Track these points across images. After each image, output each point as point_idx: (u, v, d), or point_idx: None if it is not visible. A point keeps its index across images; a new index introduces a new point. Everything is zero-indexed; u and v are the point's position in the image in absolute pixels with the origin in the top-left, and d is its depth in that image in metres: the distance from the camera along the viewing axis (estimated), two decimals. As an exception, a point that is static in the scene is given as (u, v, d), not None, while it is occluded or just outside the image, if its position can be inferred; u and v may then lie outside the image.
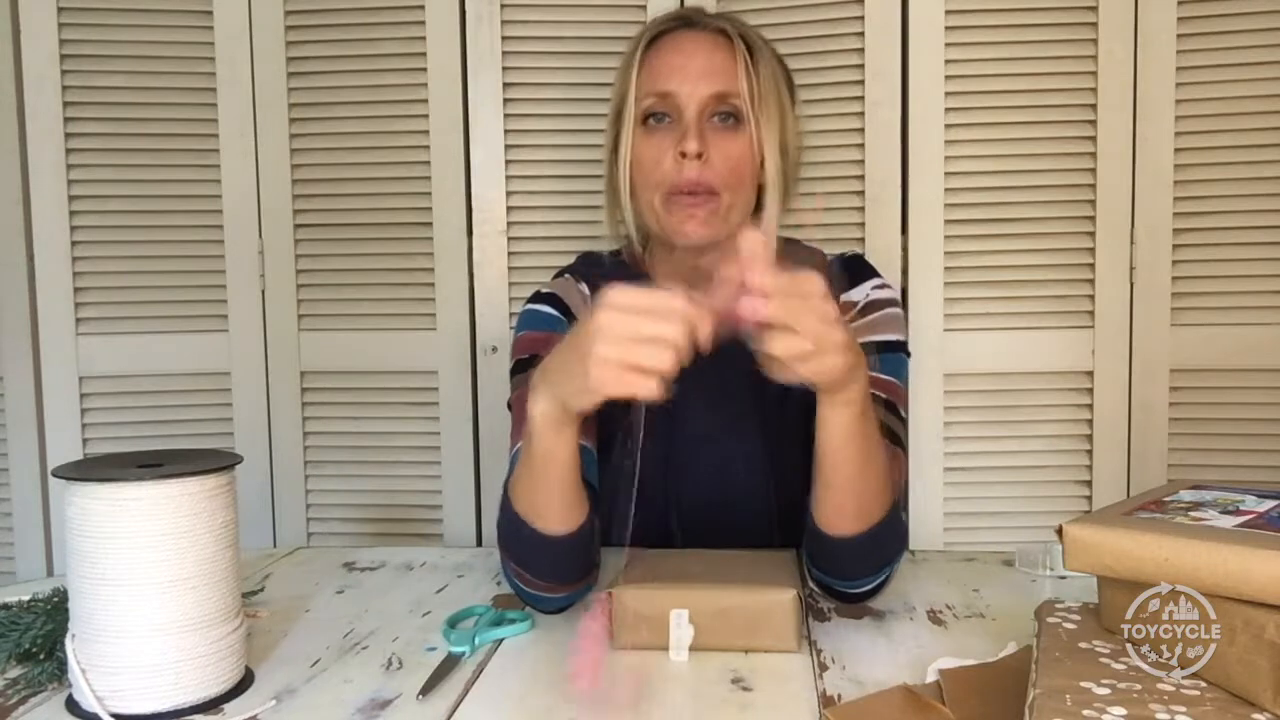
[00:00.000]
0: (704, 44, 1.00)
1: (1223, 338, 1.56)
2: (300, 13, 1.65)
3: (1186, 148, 1.54)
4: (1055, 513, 1.54)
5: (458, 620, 0.87)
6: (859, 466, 0.81)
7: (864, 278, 1.06)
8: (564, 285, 1.10)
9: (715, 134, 0.98)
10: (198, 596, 0.67)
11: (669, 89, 0.98)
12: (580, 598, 0.91)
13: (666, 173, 0.97)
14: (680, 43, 1.01)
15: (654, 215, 1.00)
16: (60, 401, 1.67)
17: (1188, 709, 0.54)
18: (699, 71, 0.98)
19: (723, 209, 0.98)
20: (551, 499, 0.82)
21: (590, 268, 1.12)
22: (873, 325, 1.02)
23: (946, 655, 0.74)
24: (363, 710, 0.68)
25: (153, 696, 0.67)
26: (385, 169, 1.66)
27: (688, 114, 0.97)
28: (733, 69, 0.99)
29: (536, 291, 1.11)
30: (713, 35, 1.01)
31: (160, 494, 0.66)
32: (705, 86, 0.97)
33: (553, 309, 1.07)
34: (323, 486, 1.71)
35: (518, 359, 1.05)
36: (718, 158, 0.97)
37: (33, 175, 1.64)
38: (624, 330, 0.68)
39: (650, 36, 1.02)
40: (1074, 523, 0.65)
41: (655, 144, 0.99)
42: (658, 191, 0.99)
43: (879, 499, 0.84)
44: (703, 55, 0.99)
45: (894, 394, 0.98)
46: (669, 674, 0.73)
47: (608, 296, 0.70)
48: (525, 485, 0.83)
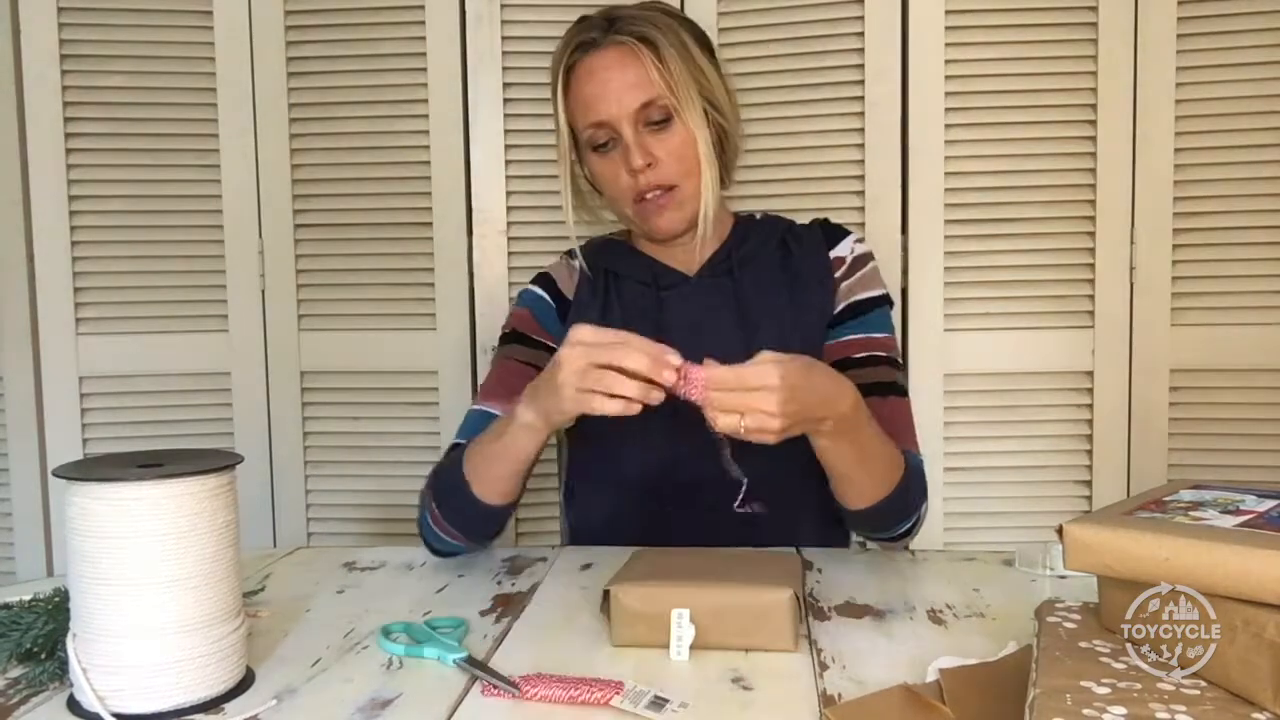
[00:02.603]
0: (612, 62, 1.09)
1: (1223, 338, 1.56)
2: (300, 13, 1.65)
3: (1186, 148, 1.54)
4: (1055, 513, 1.54)
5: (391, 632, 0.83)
6: (851, 465, 0.96)
7: (840, 235, 1.20)
8: (559, 265, 1.25)
9: (654, 136, 1.09)
10: (198, 596, 0.67)
11: (600, 118, 1.09)
12: (470, 552, 1.07)
13: (627, 185, 1.11)
14: (592, 69, 1.10)
15: (630, 220, 1.16)
16: (60, 401, 1.67)
17: (1188, 709, 0.54)
18: (619, 90, 1.08)
19: (685, 196, 1.11)
20: (501, 478, 0.98)
21: (596, 245, 1.24)
22: (863, 281, 1.16)
23: (946, 655, 0.74)
24: (363, 710, 0.68)
25: (154, 696, 0.67)
26: (385, 169, 1.67)
27: (625, 133, 1.08)
28: (646, 75, 1.08)
29: (539, 271, 1.25)
30: (617, 49, 1.09)
31: (161, 494, 0.66)
32: (629, 102, 1.08)
33: (542, 290, 1.21)
34: (323, 486, 1.71)
35: (503, 332, 1.21)
36: (663, 156, 1.09)
37: (33, 175, 1.65)
38: (581, 362, 0.84)
39: (565, 68, 1.12)
40: (1074, 523, 0.65)
41: (610, 165, 1.12)
42: (626, 203, 1.13)
43: (885, 476, 0.98)
44: (616, 74, 1.08)
45: (891, 348, 1.14)
46: (669, 673, 0.73)
47: (571, 333, 0.85)
48: (482, 459, 0.98)
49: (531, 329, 1.19)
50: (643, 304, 1.17)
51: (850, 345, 1.13)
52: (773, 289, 1.16)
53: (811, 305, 1.15)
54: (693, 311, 1.16)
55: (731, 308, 1.15)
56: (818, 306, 1.15)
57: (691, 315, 1.15)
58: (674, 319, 1.15)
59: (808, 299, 1.15)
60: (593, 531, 1.18)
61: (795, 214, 1.24)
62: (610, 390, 0.83)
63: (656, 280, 1.18)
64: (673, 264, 1.19)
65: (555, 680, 0.69)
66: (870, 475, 0.98)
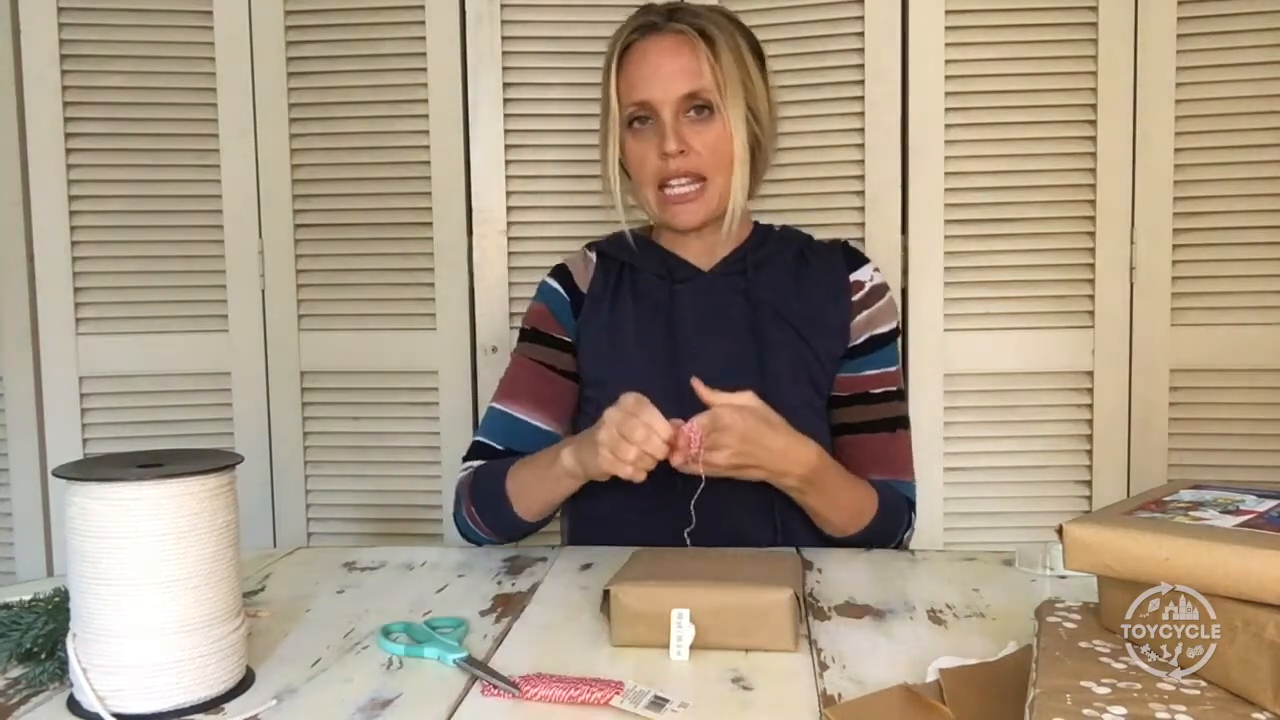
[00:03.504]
0: (668, 48, 1.12)
1: (1223, 338, 1.56)
2: (300, 13, 1.65)
3: (1186, 148, 1.54)
4: (1055, 513, 1.54)
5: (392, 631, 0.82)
6: (821, 509, 1.07)
7: (861, 261, 1.21)
8: (575, 259, 1.26)
9: (692, 127, 1.11)
10: (198, 596, 0.67)
11: (644, 98, 1.11)
12: (499, 544, 1.16)
13: (655, 168, 1.12)
14: (646, 51, 1.13)
15: (651, 207, 1.16)
16: (60, 401, 1.67)
17: (1188, 708, 0.54)
18: (669, 75, 1.11)
19: (712, 192, 1.13)
20: (541, 503, 1.10)
21: (612, 242, 1.25)
22: (882, 313, 1.18)
23: (946, 655, 0.74)
24: (363, 710, 0.68)
25: (154, 696, 0.66)
26: (385, 169, 1.67)
27: (664, 116, 1.11)
28: (697, 66, 1.11)
29: (558, 263, 1.26)
30: (675, 37, 1.12)
31: (161, 494, 0.66)
32: (676, 88, 1.10)
33: (558, 284, 1.23)
34: (323, 486, 1.71)
35: (523, 327, 1.24)
36: (698, 147, 1.11)
37: (33, 175, 1.65)
38: (613, 436, 0.93)
39: (621, 47, 1.15)
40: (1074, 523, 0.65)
41: (642, 145, 1.13)
42: (651, 186, 1.14)
43: (855, 517, 1.09)
44: (668, 59, 1.11)
45: (899, 380, 1.19)
46: (669, 673, 0.73)
47: (609, 413, 0.94)
48: (526, 486, 1.09)
49: (549, 326, 1.21)
50: (656, 296, 1.18)
51: (869, 380, 1.18)
52: (786, 293, 1.17)
53: (824, 317, 1.16)
54: (704, 306, 1.17)
55: (743, 305, 1.16)
56: (830, 319, 1.16)
57: (703, 309, 1.16)
58: (685, 312, 1.16)
59: (820, 311, 1.16)
60: (592, 532, 1.18)
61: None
62: (624, 459, 0.93)
63: (671, 273, 1.18)
64: (689, 258, 1.19)
65: (555, 680, 0.69)
66: (840, 516, 1.08)
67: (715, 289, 1.17)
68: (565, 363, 1.21)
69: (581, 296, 1.21)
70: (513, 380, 1.21)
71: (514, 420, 1.18)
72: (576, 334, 1.20)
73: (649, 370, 1.12)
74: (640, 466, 0.92)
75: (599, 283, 1.21)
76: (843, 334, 1.17)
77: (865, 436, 1.16)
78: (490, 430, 1.20)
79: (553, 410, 1.19)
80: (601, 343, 1.18)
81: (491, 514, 1.12)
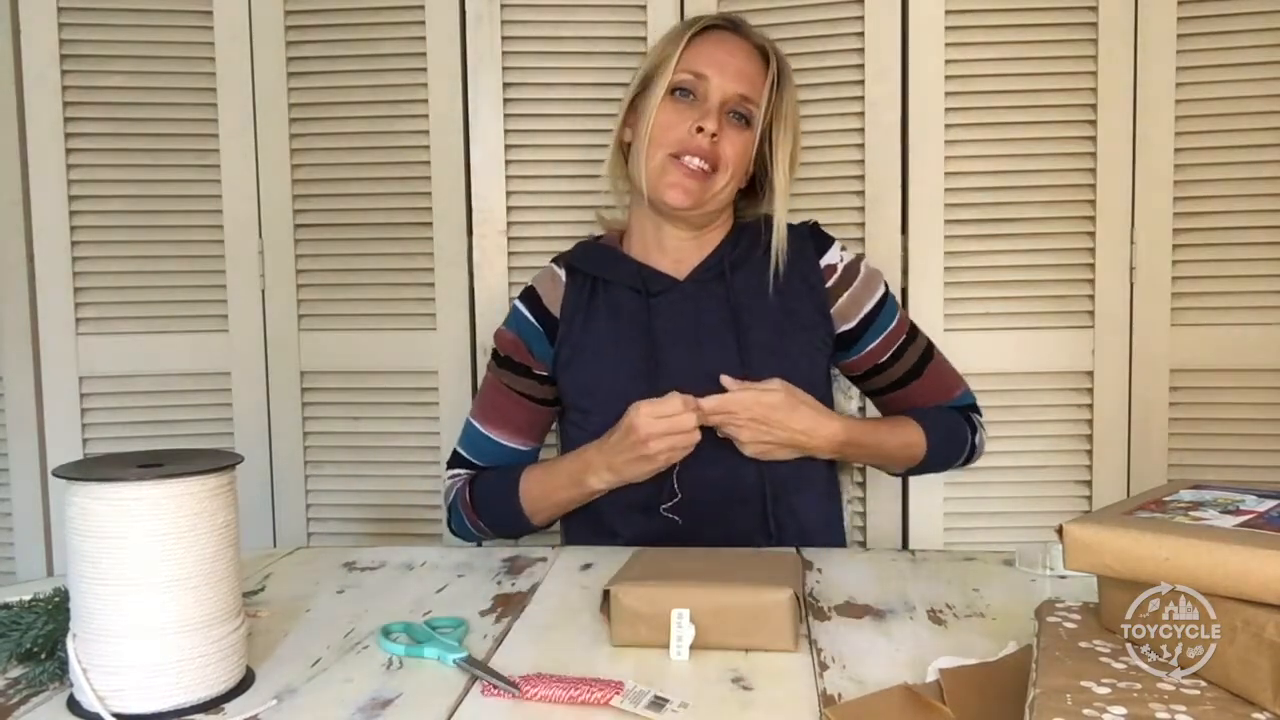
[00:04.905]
0: (744, 50, 1.16)
1: (1223, 338, 1.56)
2: (300, 13, 1.65)
3: (1186, 148, 1.54)
4: (1055, 513, 1.54)
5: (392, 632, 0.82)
6: (870, 460, 1.21)
7: (828, 243, 1.22)
8: (544, 278, 1.25)
9: (728, 125, 1.14)
10: (198, 596, 0.67)
11: (704, 73, 1.13)
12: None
13: (680, 137, 1.12)
14: (725, 41, 1.16)
15: (651, 175, 1.14)
16: (60, 402, 1.67)
17: (1188, 708, 0.54)
18: (735, 71, 1.13)
19: (714, 187, 1.14)
20: (553, 511, 1.18)
21: (582, 251, 1.25)
22: (864, 288, 1.19)
23: (946, 655, 0.74)
24: (363, 710, 0.68)
25: (154, 696, 0.67)
26: (385, 169, 1.67)
27: (712, 99, 1.13)
28: (760, 81, 1.15)
29: (527, 284, 1.26)
30: (754, 47, 1.17)
31: (161, 494, 0.66)
32: (734, 85, 1.13)
33: (528, 311, 1.23)
34: (323, 486, 1.71)
35: (495, 350, 1.25)
36: (726, 143, 1.13)
37: (33, 175, 1.65)
38: (656, 428, 1.02)
39: (701, 26, 1.17)
40: (1074, 523, 0.65)
41: (676, 113, 1.13)
42: (665, 150, 1.13)
43: (912, 452, 1.16)
44: (741, 58, 1.15)
45: (905, 325, 1.22)
46: (669, 673, 0.73)
47: (638, 411, 1.02)
48: (548, 502, 1.16)
49: (523, 357, 1.22)
50: (631, 309, 1.17)
51: (874, 353, 1.20)
52: (763, 292, 1.16)
53: (803, 309, 1.17)
54: (683, 317, 1.16)
55: (724, 311, 1.16)
56: (809, 310, 1.17)
57: (682, 320, 1.16)
58: (664, 324, 1.16)
59: (800, 302, 1.17)
60: (590, 532, 1.18)
61: (795, 214, 1.23)
62: (682, 444, 1.04)
63: (646, 286, 1.17)
64: (662, 268, 1.19)
65: (555, 680, 0.69)
66: (894, 464, 1.19)
67: (692, 298, 1.17)
68: (543, 392, 1.22)
69: (554, 321, 1.20)
70: (491, 404, 1.24)
71: (492, 442, 1.23)
72: (554, 361, 1.20)
73: (630, 387, 1.10)
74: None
75: (571, 301, 1.20)
76: (825, 321, 1.18)
77: (899, 392, 1.22)
78: (470, 446, 1.24)
79: (529, 434, 1.24)
80: (580, 365, 1.18)
81: (500, 515, 1.19)
